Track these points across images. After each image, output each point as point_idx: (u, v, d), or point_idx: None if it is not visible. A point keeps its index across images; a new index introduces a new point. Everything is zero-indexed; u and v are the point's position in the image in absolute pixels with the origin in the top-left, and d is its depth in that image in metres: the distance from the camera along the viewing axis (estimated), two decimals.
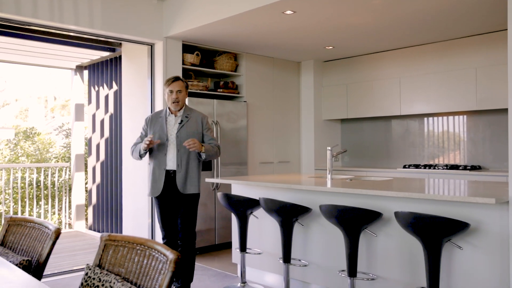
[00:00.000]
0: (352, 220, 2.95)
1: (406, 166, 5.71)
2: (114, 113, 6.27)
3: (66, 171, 7.10)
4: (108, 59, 6.39)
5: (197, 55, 5.48)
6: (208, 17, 4.59)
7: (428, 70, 5.59)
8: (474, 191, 3.02)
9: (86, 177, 7.21)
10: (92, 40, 5.36)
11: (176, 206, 3.65)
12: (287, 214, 3.37)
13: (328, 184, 3.58)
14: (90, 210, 6.82)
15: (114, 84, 6.29)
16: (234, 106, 5.69)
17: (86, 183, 7.22)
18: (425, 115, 5.88)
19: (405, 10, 4.28)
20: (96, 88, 6.73)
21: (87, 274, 1.82)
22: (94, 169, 6.75)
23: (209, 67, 5.74)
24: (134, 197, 5.55)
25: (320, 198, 3.51)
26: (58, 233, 2.20)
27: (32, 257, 2.23)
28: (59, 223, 7.59)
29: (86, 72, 7.00)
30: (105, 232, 2.35)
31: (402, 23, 4.72)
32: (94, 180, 6.75)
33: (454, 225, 2.54)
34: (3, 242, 2.46)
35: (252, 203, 3.69)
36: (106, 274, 1.78)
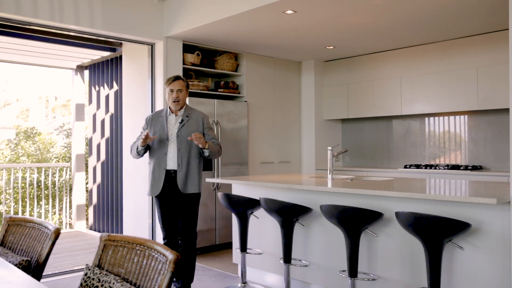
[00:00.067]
0: (353, 220, 2.95)
1: (407, 166, 5.70)
2: (115, 113, 6.27)
3: (67, 171, 7.10)
4: (109, 59, 6.39)
5: (198, 55, 5.47)
6: (209, 17, 4.59)
7: (429, 70, 5.58)
8: (475, 191, 3.01)
9: (87, 177, 7.21)
10: (93, 40, 5.37)
11: (177, 206, 3.64)
12: (288, 214, 3.36)
13: (329, 184, 3.58)
14: (91, 210, 6.82)
15: (115, 84, 6.28)
16: (235, 106, 5.69)
17: (87, 183, 7.22)
18: (426, 115, 5.87)
19: (406, 10, 4.27)
20: (97, 88, 6.73)
21: (87, 275, 1.81)
22: (95, 169, 6.75)
23: (210, 67, 5.73)
24: (135, 197, 5.55)
25: (321, 198, 3.50)
26: (58, 233, 2.20)
27: (32, 257, 2.22)
28: (60, 223, 7.59)
29: (87, 72, 7.00)
30: (105, 232, 2.35)
31: (403, 23, 4.71)
32: (95, 180, 6.75)
33: (455, 226, 2.53)
34: (3, 242, 2.45)
35: (253, 203, 3.68)
36: (106, 275, 1.77)
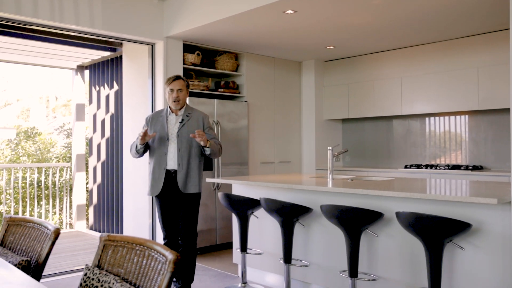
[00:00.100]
0: (353, 220, 2.94)
1: (408, 166, 5.70)
2: (115, 113, 6.27)
3: (67, 171, 7.09)
4: (109, 59, 6.39)
5: (198, 55, 5.47)
6: (209, 17, 4.59)
7: (430, 70, 5.57)
8: (476, 191, 3.00)
9: (87, 177, 7.21)
10: (93, 40, 5.38)
11: (177, 206, 3.63)
12: (288, 214, 3.36)
13: (329, 184, 3.57)
14: (91, 210, 6.82)
15: (115, 84, 6.28)
16: (235, 106, 5.68)
17: (87, 183, 7.22)
18: (427, 115, 5.86)
19: (406, 10, 4.26)
20: (97, 88, 6.72)
21: (86, 275, 1.81)
22: (95, 169, 6.75)
23: (210, 67, 5.73)
24: (135, 197, 5.55)
25: (321, 198, 3.50)
26: (57, 233, 2.19)
27: (32, 257, 2.22)
28: (60, 223, 7.60)
29: (87, 72, 7.00)
30: (105, 232, 2.34)
31: (403, 23, 4.71)
32: (95, 180, 6.75)
33: (456, 226, 2.53)
34: (3, 242, 2.45)
35: (253, 203, 3.68)
36: (105, 275, 1.77)
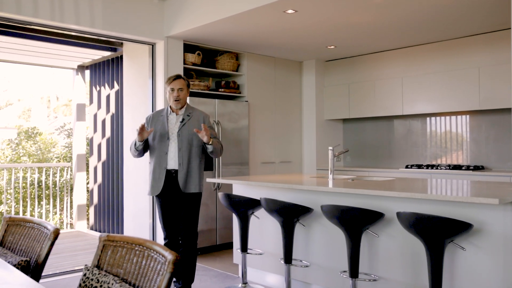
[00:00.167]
0: (354, 221, 2.93)
1: (409, 166, 5.68)
2: (116, 113, 6.26)
3: (68, 171, 7.09)
4: (110, 59, 6.38)
5: (198, 55, 5.46)
6: (209, 17, 4.58)
7: (431, 70, 5.56)
8: (477, 192, 2.99)
9: (88, 177, 7.21)
10: (94, 40, 5.37)
11: (178, 206, 3.62)
12: (288, 215, 3.35)
13: (330, 184, 3.56)
14: (92, 210, 6.82)
15: (116, 84, 6.28)
16: (236, 106, 5.67)
17: (88, 183, 7.21)
18: (428, 115, 5.85)
19: (407, 9, 4.25)
20: (98, 88, 6.72)
21: (86, 275, 1.80)
22: (96, 169, 6.74)
23: (211, 67, 5.72)
24: (135, 197, 5.54)
25: (322, 198, 3.49)
26: (57, 234, 2.19)
27: (31, 258, 2.21)
28: (61, 223, 7.59)
29: (88, 72, 7.00)
30: (106, 233, 2.34)
31: (404, 23, 4.69)
32: (96, 180, 6.75)
33: (457, 226, 2.52)
34: (2, 242, 2.44)
35: (253, 203, 3.67)
36: (105, 275, 1.76)
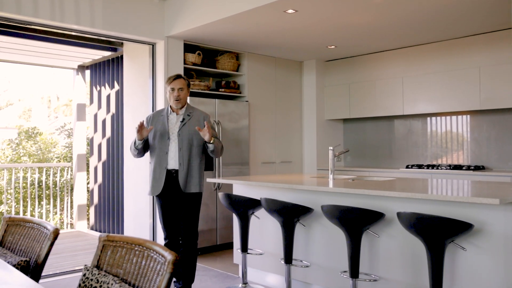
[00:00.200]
0: (354, 221, 2.93)
1: (409, 166, 5.68)
2: (116, 113, 6.26)
3: (68, 171, 7.09)
4: (110, 59, 6.38)
5: (199, 55, 5.46)
6: (210, 16, 4.57)
7: (431, 70, 5.55)
8: (478, 192, 2.98)
9: (88, 177, 7.20)
10: (94, 40, 5.37)
11: (178, 206, 3.62)
12: (289, 215, 3.35)
13: (330, 184, 3.55)
14: (92, 210, 6.82)
15: (116, 84, 6.28)
16: (236, 106, 5.67)
17: (88, 183, 7.21)
18: (428, 115, 5.84)
19: (407, 9, 4.25)
20: (98, 88, 6.72)
21: (85, 275, 1.80)
22: (96, 169, 6.74)
23: (211, 67, 5.72)
24: (136, 197, 5.54)
25: (322, 198, 3.48)
26: (57, 234, 2.18)
27: (31, 258, 2.21)
28: (61, 223, 7.59)
29: (88, 72, 7.00)
30: (106, 233, 2.33)
31: (405, 22, 4.69)
32: (96, 180, 6.74)
33: (458, 226, 2.51)
34: (2, 242, 2.44)
35: (254, 203, 3.66)
36: (104, 275, 1.76)
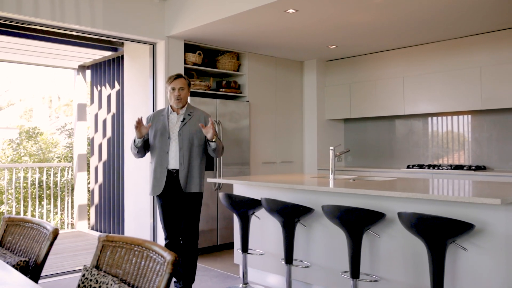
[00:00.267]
0: (355, 221, 2.92)
1: (410, 166, 5.67)
2: (116, 113, 6.25)
3: (69, 171, 7.09)
4: (110, 59, 6.38)
5: (199, 55, 5.45)
6: (210, 16, 4.57)
7: (432, 69, 5.54)
8: (479, 192, 2.97)
9: (89, 177, 7.20)
10: (94, 40, 5.37)
11: (179, 206, 3.61)
12: (289, 215, 3.34)
13: (331, 184, 3.54)
14: (92, 210, 6.81)
15: (116, 84, 6.27)
16: (237, 106, 5.66)
17: (89, 183, 7.21)
18: (429, 115, 5.83)
19: (408, 9, 4.24)
20: (99, 88, 6.72)
21: (84, 276, 1.79)
22: (97, 169, 6.74)
23: (211, 67, 5.71)
24: (136, 197, 5.53)
25: (323, 199, 3.47)
26: (56, 234, 2.18)
27: (30, 258, 2.20)
28: (61, 223, 7.59)
29: (89, 72, 7.00)
30: (106, 233, 2.33)
31: (406, 22, 4.68)
32: (97, 180, 6.74)
33: (459, 226, 2.50)
34: (1, 243, 2.43)
35: (254, 204, 3.65)
36: (104, 276, 1.75)
